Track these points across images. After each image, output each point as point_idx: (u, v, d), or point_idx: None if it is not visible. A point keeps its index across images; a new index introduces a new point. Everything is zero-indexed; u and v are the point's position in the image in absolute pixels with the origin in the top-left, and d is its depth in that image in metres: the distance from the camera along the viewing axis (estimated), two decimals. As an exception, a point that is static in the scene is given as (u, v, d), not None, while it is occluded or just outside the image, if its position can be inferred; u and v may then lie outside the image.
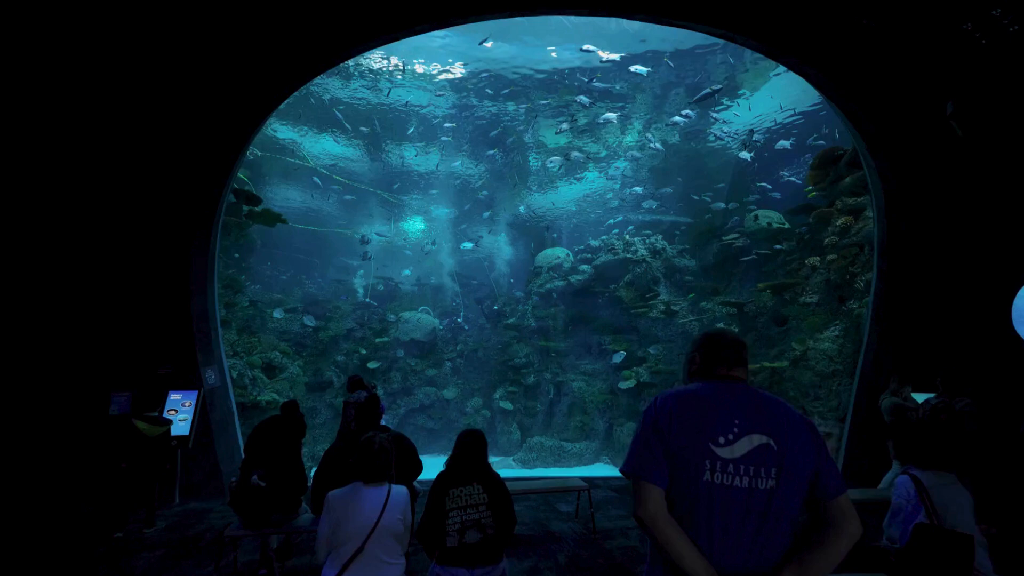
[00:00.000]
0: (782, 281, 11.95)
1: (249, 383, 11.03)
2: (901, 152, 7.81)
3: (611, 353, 14.86)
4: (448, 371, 15.90)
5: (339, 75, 15.44)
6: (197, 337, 8.23)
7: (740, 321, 12.85)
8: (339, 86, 15.93)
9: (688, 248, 15.43)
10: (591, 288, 15.69)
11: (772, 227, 13.22)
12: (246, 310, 13.66)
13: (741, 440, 1.73)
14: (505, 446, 14.67)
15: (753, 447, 1.73)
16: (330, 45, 6.80)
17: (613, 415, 13.97)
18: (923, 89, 7.12)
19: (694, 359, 2.02)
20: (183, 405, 7.60)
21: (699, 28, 6.65)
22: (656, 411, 1.82)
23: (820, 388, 11.00)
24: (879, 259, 8.78)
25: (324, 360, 14.70)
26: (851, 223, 11.43)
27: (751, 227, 13.56)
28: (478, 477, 3.37)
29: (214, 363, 8.58)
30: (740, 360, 1.96)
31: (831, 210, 11.77)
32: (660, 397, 1.87)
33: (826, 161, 10.67)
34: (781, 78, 14.34)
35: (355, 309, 16.81)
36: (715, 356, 1.95)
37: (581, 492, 6.40)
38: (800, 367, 11.25)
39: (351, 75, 15.52)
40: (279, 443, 4.88)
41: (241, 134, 7.49)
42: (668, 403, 1.82)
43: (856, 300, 11.10)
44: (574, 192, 19.73)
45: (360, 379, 7.25)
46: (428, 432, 15.10)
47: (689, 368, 2.06)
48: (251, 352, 11.65)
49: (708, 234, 14.63)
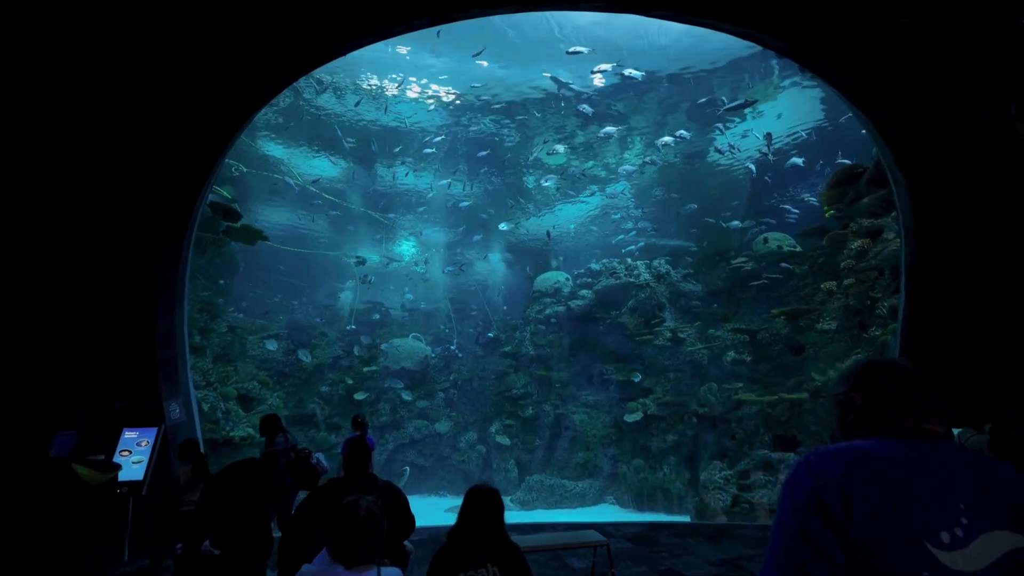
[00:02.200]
0: (797, 307, 11.31)
1: (222, 416, 9.99)
2: (933, 166, 7.27)
3: (614, 383, 14.01)
4: (441, 402, 14.89)
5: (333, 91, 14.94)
6: (161, 365, 7.30)
7: (753, 349, 12.13)
8: (333, 102, 15.41)
9: (693, 272, 14.82)
10: (592, 314, 14.95)
11: (783, 250, 12.67)
12: (224, 336, 12.67)
13: (978, 541, 1.10)
14: (502, 485, 13.55)
15: (1001, 554, 1.09)
16: (320, 39, 6.17)
17: (618, 451, 13.01)
18: (960, 96, 6.63)
19: (851, 401, 1.36)
20: (138, 445, 6.59)
21: (723, 27, 6.14)
22: (817, 482, 1.18)
23: (844, 422, 10.21)
24: (906, 280, 8.14)
25: (307, 391, 13.66)
26: (868, 245, 10.89)
27: (760, 250, 13.00)
28: (493, 555, 2.53)
29: (180, 395, 7.61)
30: (936, 405, 1.29)
31: (846, 232, 11.25)
32: (816, 459, 1.22)
33: (845, 179, 10.19)
34: (786, 96, 14.11)
35: (342, 336, 15.86)
36: (895, 398, 1.30)
37: (598, 547, 5.51)
38: (821, 399, 10.49)
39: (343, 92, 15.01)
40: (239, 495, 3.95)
41: (220, 137, 6.76)
42: (837, 470, 1.18)
43: (878, 327, 10.46)
44: (573, 214, 19.21)
45: (277, 419, 5.96)
46: (418, 469, 13.98)
47: (844, 416, 1.39)
48: (226, 382, 10.64)
49: (715, 257, 14.05)
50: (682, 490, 11.69)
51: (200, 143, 6.71)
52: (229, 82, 6.42)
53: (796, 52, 6.51)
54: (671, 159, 16.01)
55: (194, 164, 6.82)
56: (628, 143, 16.28)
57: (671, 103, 15.37)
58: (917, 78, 6.65)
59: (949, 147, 7.03)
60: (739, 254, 13.47)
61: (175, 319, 7.60)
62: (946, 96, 6.68)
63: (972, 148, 6.94)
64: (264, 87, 6.53)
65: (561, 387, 14.38)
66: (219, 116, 6.61)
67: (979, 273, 7.19)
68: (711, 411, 11.89)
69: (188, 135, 6.62)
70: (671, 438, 12.12)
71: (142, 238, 6.84)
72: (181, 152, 6.69)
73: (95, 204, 6.59)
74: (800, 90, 15.10)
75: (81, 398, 6.77)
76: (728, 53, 14.99)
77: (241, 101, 6.58)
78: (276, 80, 6.50)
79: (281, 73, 6.47)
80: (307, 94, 15.29)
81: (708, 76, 15.22)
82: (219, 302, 12.18)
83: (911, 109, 6.93)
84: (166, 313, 7.45)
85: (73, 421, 6.56)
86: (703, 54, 15.12)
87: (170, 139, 6.60)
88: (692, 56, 15.26)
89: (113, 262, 6.81)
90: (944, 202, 7.42)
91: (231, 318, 13.66)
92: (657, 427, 12.41)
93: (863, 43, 6.39)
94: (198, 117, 6.55)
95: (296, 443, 5.81)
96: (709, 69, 15.27)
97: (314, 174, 16.41)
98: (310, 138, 15.84)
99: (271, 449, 5.63)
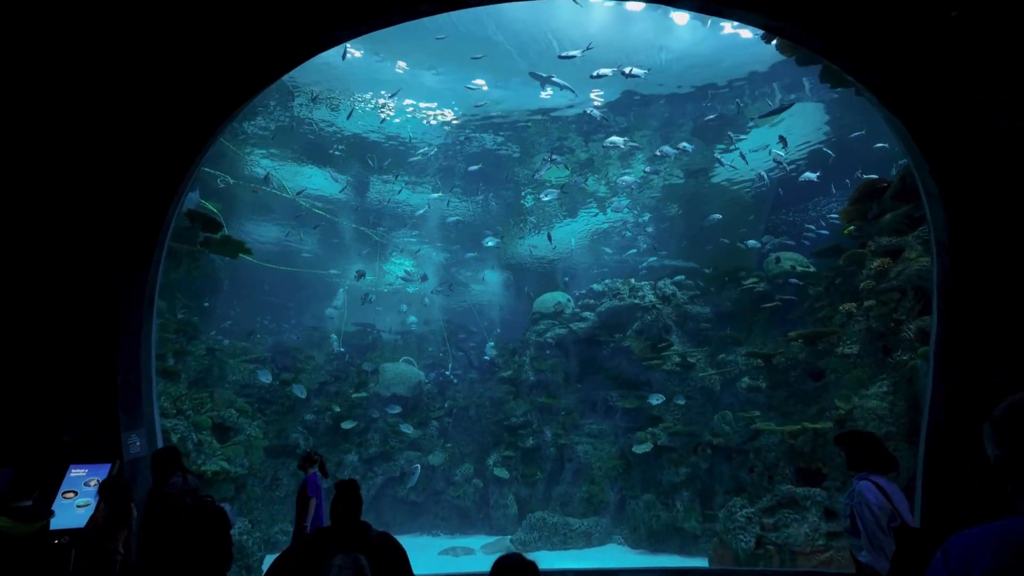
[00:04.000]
0: (817, 330, 10.68)
1: (193, 449, 9.01)
2: (972, 177, 6.76)
3: (620, 411, 13.18)
4: (435, 432, 13.91)
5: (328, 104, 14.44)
6: (122, 391, 6.44)
7: (769, 375, 11.42)
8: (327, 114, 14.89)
9: (700, 294, 14.21)
10: (596, 337, 14.22)
11: (796, 270, 12.12)
12: (202, 359, 11.73)
13: None
14: (500, 523, 12.54)
15: None
16: (315, 25, 5.56)
17: (625, 485, 12.09)
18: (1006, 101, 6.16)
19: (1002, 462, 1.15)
20: (86, 485, 5.62)
21: (755, 19, 5.67)
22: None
23: (873, 454, 9.46)
24: (938, 300, 7.55)
25: (290, 419, 12.66)
26: (888, 265, 10.36)
27: (772, 271, 12.45)
28: None
29: (142, 425, 6.71)
30: None
31: (864, 251, 10.74)
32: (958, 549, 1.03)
33: (867, 194, 9.71)
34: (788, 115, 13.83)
35: (330, 360, 14.93)
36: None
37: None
38: (847, 429, 9.74)
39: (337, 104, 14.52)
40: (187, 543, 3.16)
41: (199, 133, 6.08)
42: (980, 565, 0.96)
43: (905, 350, 9.84)
44: (574, 232, 18.65)
45: (176, 453, 5.05)
46: (410, 507, 12.91)
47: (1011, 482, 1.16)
48: (200, 410, 9.67)
49: (724, 278, 13.46)
50: (697, 529, 10.77)
51: (175, 138, 6.01)
52: (210, 69, 5.77)
53: (829, 50, 6.04)
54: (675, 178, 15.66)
55: (168, 163, 6.10)
56: (630, 161, 15.89)
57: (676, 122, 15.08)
58: (959, 81, 6.19)
59: (992, 156, 6.53)
60: (750, 274, 12.90)
61: (141, 338, 6.76)
62: (991, 101, 6.22)
63: (1016, 157, 6.45)
64: (251, 77, 5.89)
65: (564, 415, 13.51)
66: (197, 109, 5.94)
67: (1021, 291, 6.62)
68: (726, 441, 11.07)
69: (161, 128, 5.92)
70: (684, 471, 11.25)
71: (104, 245, 6.06)
72: (153, 148, 5.98)
73: (49, 203, 5.82)
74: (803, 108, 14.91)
75: (23, 429, 5.87)
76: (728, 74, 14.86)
77: (223, 93, 5.92)
78: (264, 70, 5.87)
79: (271, 62, 5.84)
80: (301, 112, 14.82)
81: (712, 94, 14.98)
82: (195, 320, 11.27)
83: (952, 115, 6.44)
84: (131, 331, 6.63)
85: (12, 456, 5.64)
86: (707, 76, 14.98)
87: (139, 132, 5.90)
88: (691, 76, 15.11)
89: (69, 273, 6.02)
90: (983, 216, 6.88)
91: (211, 340, 12.72)
92: (668, 459, 11.54)
93: (903, 41, 5.93)
94: (173, 108, 5.88)
95: (196, 486, 4.83)
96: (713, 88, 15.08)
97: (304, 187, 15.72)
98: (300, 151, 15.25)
99: (161, 491, 4.59)
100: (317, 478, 6.73)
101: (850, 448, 4.14)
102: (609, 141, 13.06)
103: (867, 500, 3.59)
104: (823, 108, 14.72)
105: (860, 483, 3.76)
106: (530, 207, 18.30)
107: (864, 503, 3.60)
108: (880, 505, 3.56)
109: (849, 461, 4.11)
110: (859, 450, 4.02)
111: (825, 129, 15.04)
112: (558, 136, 15.79)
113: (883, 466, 3.88)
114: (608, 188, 16.64)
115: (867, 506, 3.58)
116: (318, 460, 6.84)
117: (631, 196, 16.45)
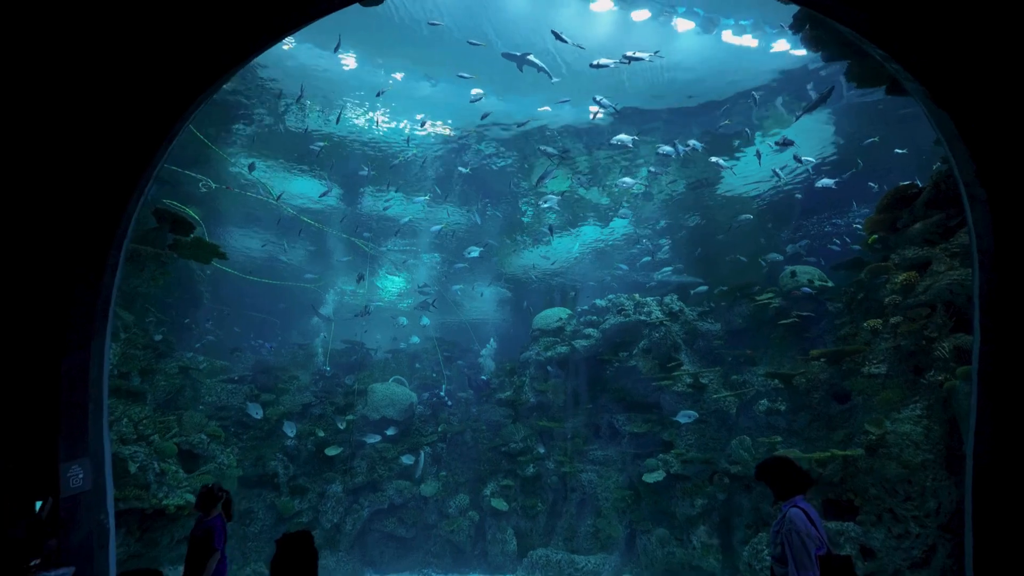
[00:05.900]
0: (842, 348, 9.94)
1: (154, 480, 7.95)
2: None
3: (627, 436, 12.26)
4: (427, 459, 12.86)
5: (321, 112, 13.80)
6: (64, 413, 5.53)
7: (790, 397, 10.62)
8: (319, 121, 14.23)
9: (710, 311, 13.48)
10: (600, 356, 13.38)
11: (814, 284, 11.45)
12: (173, 379, 10.71)
13: None
14: (498, 560, 11.44)
15: None
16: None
17: (635, 518, 11.09)
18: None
19: None
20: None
21: None
22: None
23: (910, 484, 8.63)
24: (981, 316, 6.85)
25: (269, 445, 11.58)
26: (915, 279, 9.71)
27: (788, 285, 11.77)
28: None
29: (87, 455, 5.75)
30: None
31: (887, 264, 10.10)
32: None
33: (897, 202, 9.11)
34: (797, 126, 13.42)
35: (315, 380, 13.92)
36: None
37: None
38: (880, 456, 8.93)
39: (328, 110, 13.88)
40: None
41: (164, 117, 5.30)
42: None
43: (938, 370, 9.11)
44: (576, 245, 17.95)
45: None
46: (398, 542, 11.77)
47: None
48: (165, 435, 8.64)
49: (735, 293, 12.75)
50: (717, 568, 9.79)
51: (136, 122, 5.23)
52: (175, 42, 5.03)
53: (873, 29, 5.44)
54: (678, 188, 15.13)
55: (128, 149, 5.30)
56: (636, 162, 15.36)
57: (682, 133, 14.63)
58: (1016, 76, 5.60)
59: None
60: (765, 289, 12.21)
61: (91, 351, 5.85)
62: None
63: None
64: (221, 55, 5.16)
65: (566, 441, 12.55)
66: (162, 88, 5.18)
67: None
68: (745, 470, 10.19)
69: (119, 110, 5.14)
70: (700, 502, 10.31)
71: (53, 246, 5.22)
72: (111, 131, 5.19)
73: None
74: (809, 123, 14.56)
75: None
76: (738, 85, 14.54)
77: (191, 71, 5.17)
78: (238, 46, 5.15)
79: (245, 37, 5.12)
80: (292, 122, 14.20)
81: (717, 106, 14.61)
82: (160, 336, 10.27)
83: (1006, 113, 5.84)
84: (80, 344, 5.74)
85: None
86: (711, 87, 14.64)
87: (93, 114, 5.11)
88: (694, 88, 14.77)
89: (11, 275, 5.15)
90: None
91: (185, 359, 11.68)
92: (682, 489, 10.61)
93: (959, 27, 5.35)
94: (134, 86, 5.11)
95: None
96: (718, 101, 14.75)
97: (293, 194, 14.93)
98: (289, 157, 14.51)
99: None
100: (222, 522, 5.51)
101: (775, 480, 4.17)
102: (617, 139, 12.48)
103: (797, 528, 3.72)
104: (831, 120, 14.35)
105: (791, 510, 3.88)
106: (528, 223, 17.65)
107: (794, 531, 3.73)
108: (808, 533, 3.70)
109: (777, 493, 4.17)
110: (783, 479, 4.11)
111: (834, 139, 14.63)
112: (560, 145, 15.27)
113: (805, 486, 4.12)
114: (611, 199, 16.05)
115: (797, 534, 3.71)
116: (222, 498, 5.57)
117: (634, 207, 15.86)
